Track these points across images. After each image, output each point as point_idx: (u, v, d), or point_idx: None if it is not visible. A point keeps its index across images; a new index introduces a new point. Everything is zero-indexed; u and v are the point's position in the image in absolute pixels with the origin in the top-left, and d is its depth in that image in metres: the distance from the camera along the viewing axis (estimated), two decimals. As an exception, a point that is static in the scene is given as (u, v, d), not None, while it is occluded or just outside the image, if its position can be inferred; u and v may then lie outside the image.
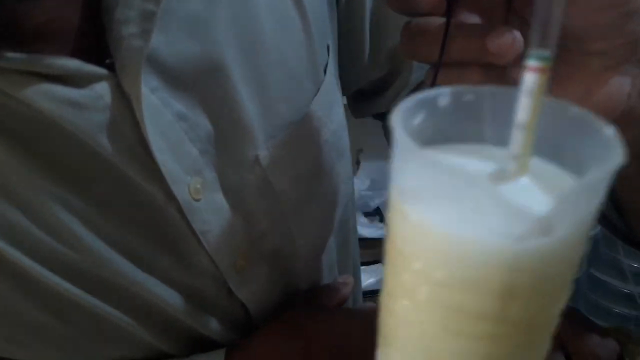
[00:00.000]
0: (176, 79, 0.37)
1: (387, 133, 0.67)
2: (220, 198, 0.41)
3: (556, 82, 0.29)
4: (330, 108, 0.47)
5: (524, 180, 0.19)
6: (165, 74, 0.36)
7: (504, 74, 0.29)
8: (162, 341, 0.42)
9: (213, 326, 0.44)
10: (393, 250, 0.19)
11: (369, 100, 0.61)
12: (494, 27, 0.28)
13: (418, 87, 0.61)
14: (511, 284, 0.16)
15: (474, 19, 0.31)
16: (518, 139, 0.18)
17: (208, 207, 0.40)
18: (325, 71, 0.47)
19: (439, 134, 0.20)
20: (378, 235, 1.35)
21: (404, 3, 0.29)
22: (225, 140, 0.40)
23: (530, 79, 0.17)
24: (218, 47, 0.38)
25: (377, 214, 1.58)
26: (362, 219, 1.55)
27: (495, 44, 0.27)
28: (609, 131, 0.18)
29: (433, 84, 0.29)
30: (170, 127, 0.37)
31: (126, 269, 0.38)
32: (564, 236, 0.16)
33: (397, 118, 0.17)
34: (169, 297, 0.41)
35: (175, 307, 0.41)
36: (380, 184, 1.61)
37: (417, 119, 0.19)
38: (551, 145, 0.19)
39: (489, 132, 0.21)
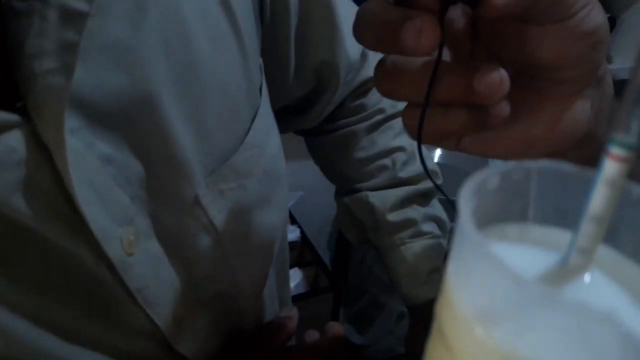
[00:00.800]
0: (100, 116, 0.30)
1: (310, 146, 0.64)
2: (155, 246, 0.36)
3: (526, 111, 0.28)
4: (268, 133, 0.43)
5: (591, 275, 0.16)
6: (87, 111, 0.30)
7: (488, 113, 0.27)
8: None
9: None
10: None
11: (293, 117, 0.57)
12: (478, 65, 0.25)
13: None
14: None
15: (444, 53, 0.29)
16: (589, 231, 0.16)
17: (143, 260, 0.34)
18: (260, 92, 0.42)
19: (484, 214, 0.17)
20: (290, 239, 1.31)
21: (386, 44, 0.25)
22: (160, 181, 0.35)
23: (612, 168, 0.15)
24: (148, 77, 0.32)
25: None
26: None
27: (483, 84, 0.25)
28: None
29: (420, 127, 0.26)
30: (96, 173, 0.31)
31: (51, 345, 0.31)
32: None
33: (470, 224, 0.14)
34: None
35: None
36: (290, 186, 1.56)
37: (471, 206, 0.16)
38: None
39: (532, 210, 0.18)
